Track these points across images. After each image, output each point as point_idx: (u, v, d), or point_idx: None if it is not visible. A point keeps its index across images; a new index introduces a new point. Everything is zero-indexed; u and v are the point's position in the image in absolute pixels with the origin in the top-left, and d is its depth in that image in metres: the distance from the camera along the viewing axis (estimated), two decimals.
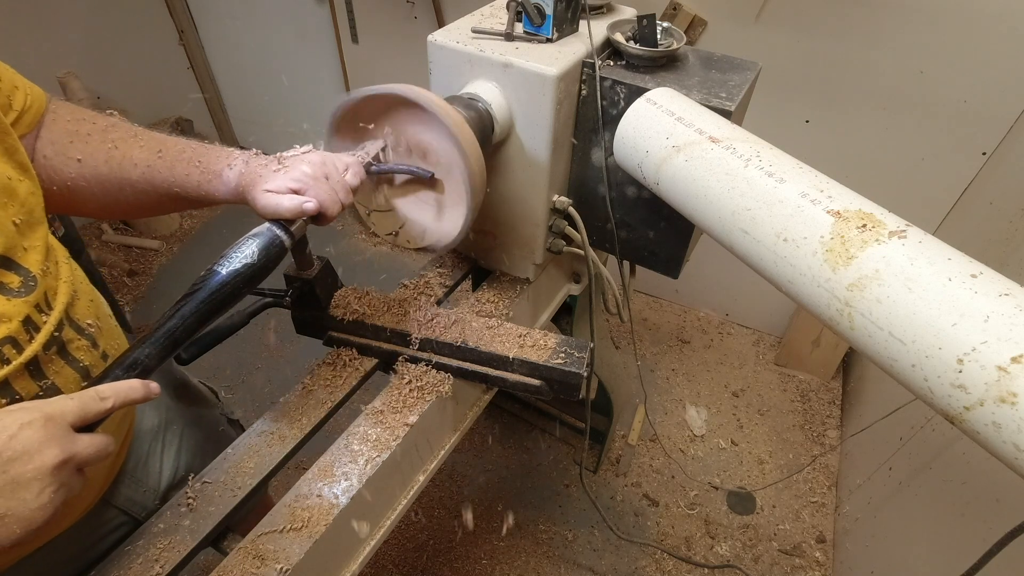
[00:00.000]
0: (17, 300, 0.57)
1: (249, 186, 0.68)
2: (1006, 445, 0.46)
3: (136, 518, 0.80)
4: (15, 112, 0.66)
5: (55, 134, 0.70)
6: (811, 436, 2.02)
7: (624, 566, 1.70)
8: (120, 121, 0.74)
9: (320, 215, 0.69)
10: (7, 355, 0.55)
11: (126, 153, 0.70)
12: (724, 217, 0.69)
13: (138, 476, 0.82)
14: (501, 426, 2.03)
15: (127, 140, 0.71)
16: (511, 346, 0.88)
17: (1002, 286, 0.50)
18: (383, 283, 0.98)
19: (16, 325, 0.56)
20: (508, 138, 0.92)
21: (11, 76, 0.66)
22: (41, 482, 0.47)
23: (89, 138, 0.71)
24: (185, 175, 0.70)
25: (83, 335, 0.65)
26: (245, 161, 0.71)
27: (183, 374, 1.01)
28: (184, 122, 2.76)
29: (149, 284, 2.46)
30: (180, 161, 0.70)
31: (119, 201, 0.72)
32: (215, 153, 0.72)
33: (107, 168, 0.70)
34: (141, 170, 0.70)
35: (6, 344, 0.55)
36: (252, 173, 0.69)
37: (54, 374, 0.60)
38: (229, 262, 0.64)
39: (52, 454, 0.47)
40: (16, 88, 0.66)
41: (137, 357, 0.59)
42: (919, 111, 1.61)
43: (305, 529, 0.73)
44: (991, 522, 1.09)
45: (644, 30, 0.90)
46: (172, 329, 0.61)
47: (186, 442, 0.90)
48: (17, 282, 0.58)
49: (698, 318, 2.42)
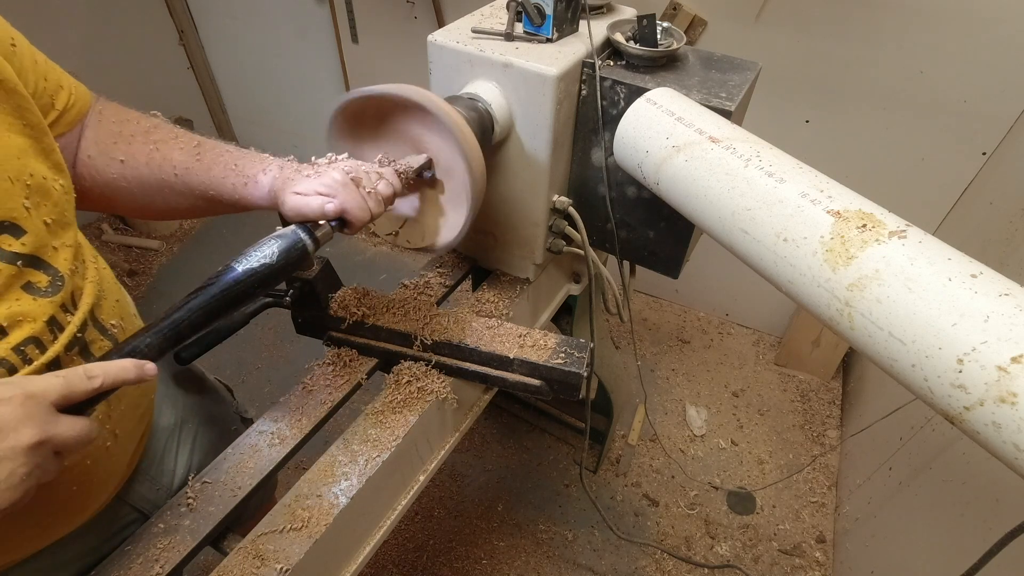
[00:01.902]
0: (43, 300, 0.57)
1: (280, 190, 0.69)
2: (1006, 445, 0.46)
3: (148, 516, 0.80)
4: (56, 112, 0.66)
5: (100, 134, 0.71)
6: (811, 436, 2.02)
7: (624, 566, 1.70)
8: (162, 122, 0.74)
9: (347, 222, 0.69)
10: (30, 355, 0.55)
11: (166, 155, 0.71)
12: (724, 217, 0.69)
13: (152, 474, 0.82)
14: (501, 426, 2.03)
15: (168, 142, 0.72)
16: (511, 346, 0.88)
17: (1002, 286, 0.50)
18: (383, 283, 0.98)
19: (41, 325, 0.56)
20: (508, 138, 0.92)
21: (57, 76, 0.67)
22: (12, 462, 0.44)
23: (132, 139, 0.71)
24: (222, 178, 0.70)
25: (106, 336, 0.65)
26: (280, 167, 0.71)
27: (200, 369, 1.01)
28: (184, 122, 2.76)
29: (149, 284, 2.46)
30: (217, 165, 0.71)
31: (156, 202, 0.73)
32: (251, 158, 0.72)
33: (148, 170, 0.70)
34: (179, 172, 0.70)
35: (29, 344, 0.55)
36: (284, 178, 0.69)
37: None
38: (247, 260, 0.63)
39: (28, 434, 0.45)
40: (61, 88, 0.67)
41: (137, 345, 0.56)
42: (919, 111, 1.61)
43: (305, 529, 0.73)
44: (991, 522, 1.09)
45: (644, 30, 0.90)
46: (178, 321, 0.59)
47: (200, 440, 0.90)
48: (45, 281, 0.57)
49: (698, 318, 2.42)
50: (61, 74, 0.67)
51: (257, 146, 0.76)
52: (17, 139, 0.57)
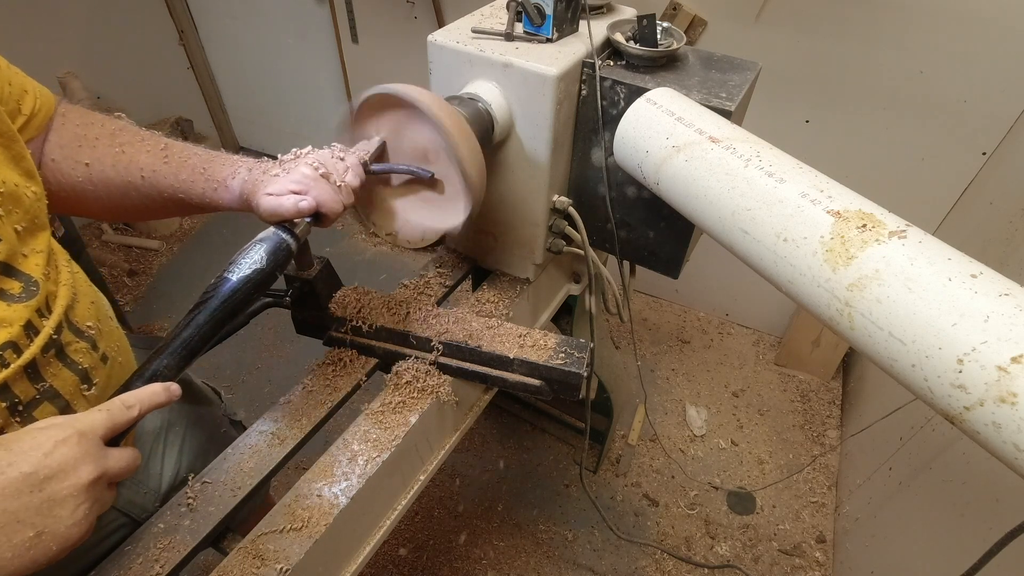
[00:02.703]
0: (18, 305, 0.56)
1: (252, 193, 0.68)
2: (1006, 445, 0.46)
3: (136, 519, 0.80)
4: (24, 116, 0.65)
5: (64, 138, 0.70)
6: (811, 436, 2.02)
7: (624, 566, 1.70)
8: (128, 124, 0.74)
9: (321, 215, 0.69)
10: (7, 359, 0.55)
11: (133, 158, 0.70)
12: (724, 217, 0.69)
13: (139, 478, 0.82)
14: (501, 426, 2.03)
15: (134, 144, 0.71)
16: (511, 346, 0.88)
17: (1002, 286, 0.50)
18: (383, 283, 0.98)
19: (17, 329, 0.56)
20: (508, 138, 0.92)
21: (21, 81, 0.66)
22: (76, 499, 0.47)
23: (97, 142, 0.71)
24: (191, 182, 0.70)
25: (82, 338, 0.64)
26: (248, 169, 0.71)
27: (186, 373, 1.01)
28: (184, 122, 2.76)
29: (149, 284, 2.46)
30: (185, 168, 0.70)
31: (124, 204, 0.72)
32: (220, 161, 0.72)
33: (114, 172, 0.70)
34: (147, 175, 0.70)
35: (7, 349, 0.55)
36: (254, 180, 0.69)
37: (52, 376, 0.60)
38: (239, 268, 0.64)
39: (87, 471, 0.47)
40: (25, 92, 0.66)
41: (156, 369, 0.59)
42: (919, 111, 1.61)
43: (305, 529, 0.73)
44: (991, 522, 1.09)
45: (644, 30, 0.90)
46: (188, 339, 0.61)
47: (188, 443, 0.90)
48: (18, 288, 0.57)
49: (698, 318, 2.42)
50: (24, 78, 0.67)
51: (257, 146, 0.76)
52: None
